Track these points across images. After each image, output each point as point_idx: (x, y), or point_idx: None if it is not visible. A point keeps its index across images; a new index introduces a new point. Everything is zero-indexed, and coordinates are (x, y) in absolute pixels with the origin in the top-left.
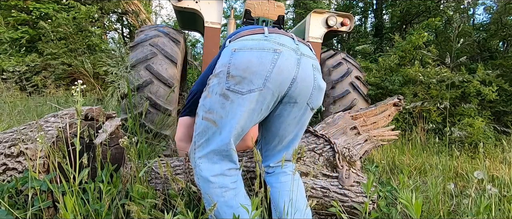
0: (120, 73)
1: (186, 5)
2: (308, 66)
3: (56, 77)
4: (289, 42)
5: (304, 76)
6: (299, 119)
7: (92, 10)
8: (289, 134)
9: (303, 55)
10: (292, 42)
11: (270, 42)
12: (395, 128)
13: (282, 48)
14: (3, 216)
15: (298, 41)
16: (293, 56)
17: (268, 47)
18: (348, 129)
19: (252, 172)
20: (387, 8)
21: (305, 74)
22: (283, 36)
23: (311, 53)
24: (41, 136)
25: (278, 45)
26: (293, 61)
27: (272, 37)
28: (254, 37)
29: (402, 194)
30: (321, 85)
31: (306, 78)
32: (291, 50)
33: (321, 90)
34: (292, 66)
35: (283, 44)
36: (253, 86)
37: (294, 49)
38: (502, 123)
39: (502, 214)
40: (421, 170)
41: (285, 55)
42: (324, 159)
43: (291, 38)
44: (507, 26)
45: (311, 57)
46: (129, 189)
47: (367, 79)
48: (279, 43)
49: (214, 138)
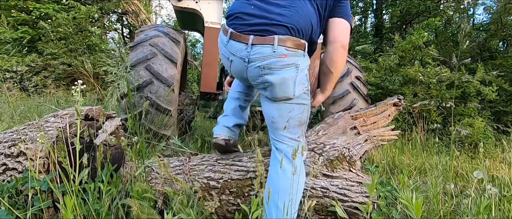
0: (120, 73)
1: (186, 5)
2: (254, 69)
3: (56, 77)
4: (239, 49)
5: (251, 77)
6: (268, 105)
7: (92, 10)
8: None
9: (251, 62)
10: (243, 49)
11: (227, 50)
12: (395, 128)
13: (233, 58)
14: (3, 216)
15: (254, 45)
16: (240, 63)
17: (226, 54)
18: (348, 129)
19: (252, 172)
20: (387, 8)
21: (252, 76)
22: (237, 44)
23: (263, 52)
24: (42, 136)
25: (230, 54)
26: (241, 66)
27: (229, 45)
28: (221, 37)
29: (402, 194)
30: (271, 80)
31: (254, 78)
32: (238, 58)
33: (274, 85)
34: (242, 70)
35: (234, 54)
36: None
37: (241, 57)
38: (502, 123)
39: (502, 214)
40: (421, 170)
41: (234, 62)
42: (324, 159)
43: (243, 45)
44: (507, 26)
45: (258, 60)
46: (129, 189)
47: (367, 79)
48: (231, 53)
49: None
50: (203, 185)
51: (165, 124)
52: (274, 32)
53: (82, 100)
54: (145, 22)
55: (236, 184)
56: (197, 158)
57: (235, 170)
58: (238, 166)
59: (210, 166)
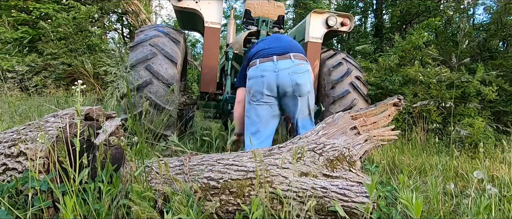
0: (120, 73)
1: (186, 5)
2: (284, 75)
3: (56, 77)
4: (269, 66)
5: (282, 82)
6: (294, 103)
7: (92, 10)
8: (294, 109)
9: (279, 71)
10: (271, 65)
11: (258, 70)
12: (395, 128)
13: (265, 73)
14: (3, 216)
15: (278, 60)
16: (272, 74)
17: (258, 75)
18: (348, 129)
19: (252, 172)
20: (387, 8)
21: (283, 81)
22: (265, 64)
23: (287, 64)
24: (42, 136)
25: (262, 71)
26: (272, 77)
27: (260, 67)
28: (252, 68)
29: (402, 194)
30: (298, 81)
31: (284, 83)
32: (270, 71)
33: (300, 85)
34: (273, 80)
35: (265, 70)
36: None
37: (272, 70)
38: (502, 123)
39: (502, 214)
40: (421, 170)
41: (266, 76)
42: (324, 159)
43: (271, 63)
44: (507, 26)
45: (286, 68)
46: (129, 189)
47: (367, 79)
48: (262, 70)
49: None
50: (203, 185)
51: (165, 124)
52: (288, 52)
53: (82, 100)
54: (145, 22)
55: (236, 184)
56: (197, 158)
57: (235, 170)
58: (238, 166)
59: (210, 166)
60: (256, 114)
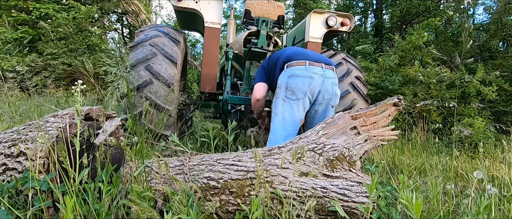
0: (120, 73)
1: (186, 5)
2: (328, 83)
3: (56, 77)
4: (319, 70)
5: (325, 89)
6: (324, 111)
7: (92, 10)
8: (321, 117)
9: (326, 78)
10: (321, 70)
11: (309, 71)
12: (395, 128)
13: (315, 75)
14: (3, 216)
15: (326, 68)
16: (320, 78)
17: (307, 75)
18: (348, 129)
19: (252, 172)
20: (387, 8)
21: (326, 88)
22: (315, 67)
23: (332, 74)
24: (42, 136)
25: (313, 73)
26: (320, 81)
27: (309, 68)
28: (300, 67)
29: (402, 194)
30: (337, 92)
31: (327, 90)
32: (319, 75)
33: (337, 96)
34: (319, 85)
35: (316, 73)
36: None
37: (321, 75)
38: (502, 123)
39: (502, 214)
40: (421, 170)
41: (315, 79)
42: (324, 159)
43: (320, 68)
44: (507, 26)
45: (331, 77)
46: (129, 189)
47: (367, 79)
48: (313, 72)
49: None
50: (203, 185)
51: (165, 124)
52: (330, 64)
53: (82, 100)
54: (145, 22)
55: (236, 184)
56: (197, 158)
57: (235, 170)
58: (238, 166)
59: (210, 166)
60: (290, 114)
